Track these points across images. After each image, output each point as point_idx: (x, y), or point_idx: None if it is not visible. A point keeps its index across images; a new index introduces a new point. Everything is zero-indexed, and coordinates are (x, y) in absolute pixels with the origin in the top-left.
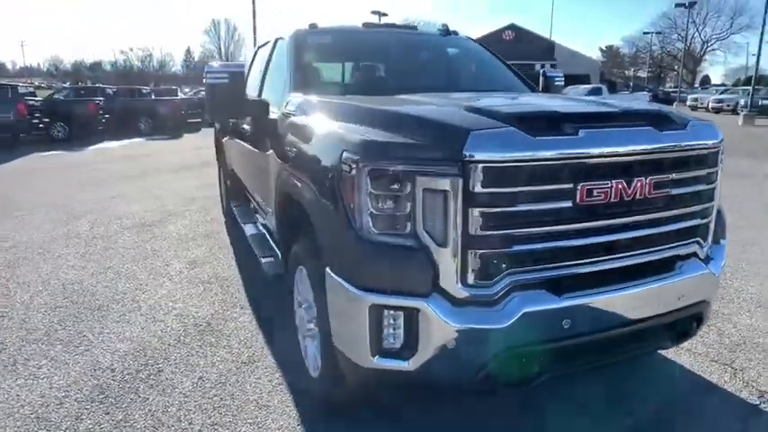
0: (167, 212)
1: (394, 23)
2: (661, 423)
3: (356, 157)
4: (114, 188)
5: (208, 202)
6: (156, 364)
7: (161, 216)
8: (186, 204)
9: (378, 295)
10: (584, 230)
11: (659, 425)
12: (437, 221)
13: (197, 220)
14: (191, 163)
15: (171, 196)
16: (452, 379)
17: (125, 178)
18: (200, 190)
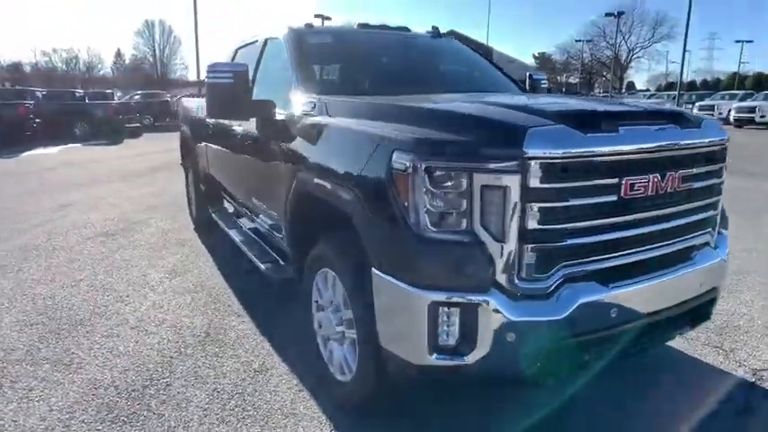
0: (129, 221)
1: (387, 25)
2: (678, 404)
3: (411, 156)
4: (63, 197)
5: (171, 208)
6: (162, 379)
7: (124, 225)
8: (148, 212)
9: (437, 292)
10: (627, 223)
11: (678, 407)
12: (495, 217)
13: (164, 228)
14: (139, 169)
15: (128, 204)
16: (510, 372)
17: (72, 186)
18: (158, 197)
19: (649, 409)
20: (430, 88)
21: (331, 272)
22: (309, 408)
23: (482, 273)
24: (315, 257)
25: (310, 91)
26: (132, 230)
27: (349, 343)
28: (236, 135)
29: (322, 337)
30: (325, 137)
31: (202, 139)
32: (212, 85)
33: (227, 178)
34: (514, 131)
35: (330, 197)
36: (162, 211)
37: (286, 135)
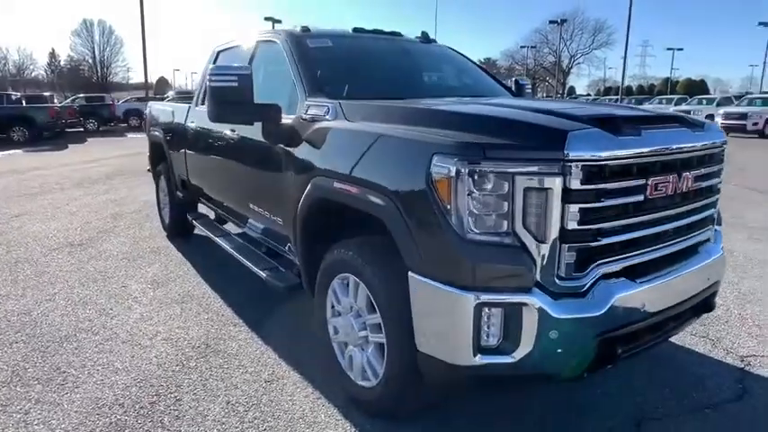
0: (95, 230)
1: (381, 30)
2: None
3: (455, 160)
4: (14, 207)
5: (137, 217)
6: (170, 394)
7: (89, 234)
8: (113, 221)
9: (482, 294)
10: (651, 221)
11: (682, 395)
12: (537, 218)
13: (135, 237)
14: (93, 176)
15: (89, 213)
16: (551, 368)
17: (23, 195)
18: (121, 205)
19: (657, 398)
20: (434, 92)
21: (353, 277)
22: (331, 415)
23: (525, 273)
24: (332, 263)
25: (318, 95)
26: (100, 240)
27: (374, 347)
28: (228, 140)
29: (339, 342)
30: (346, 141)
31: (180, 145)
32: (216, 89)
33: (214, 185)
34: (555, 135)
35: (356, 202)
36: (128, 219)
37: (295, 140)
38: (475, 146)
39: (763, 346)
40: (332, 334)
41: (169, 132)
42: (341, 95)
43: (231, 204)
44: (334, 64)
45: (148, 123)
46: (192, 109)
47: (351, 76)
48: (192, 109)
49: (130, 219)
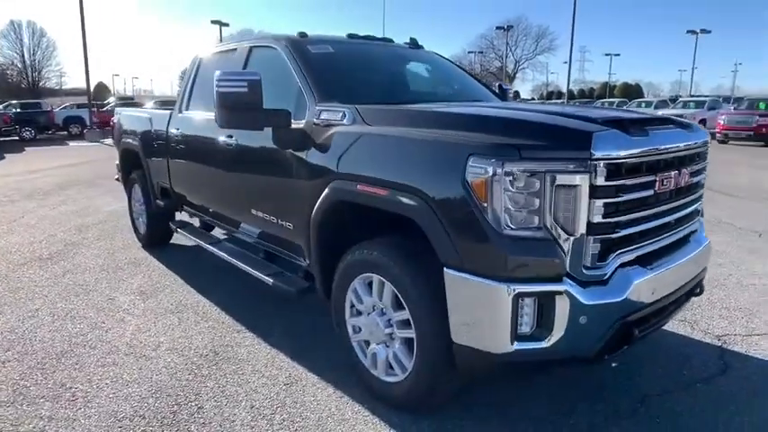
0: (62, 242)
1: (373, 36)
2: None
3: (491, 160)
4: None
5: (105, 228)
6: (190, 402)
7: (57, 248)
8: (79, 233)
9: (520, 285)
10: (658, 213)
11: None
12: (566, 213)
13: (108, 249)
14: (43, 187)
15: (51, 225)
16: (579, 351)
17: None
18: (83, 216)
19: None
20: (436, 97)
21: (377, 276)
22: (358, 412)
23: (557, 264)
24: (353, 264)
25: (329, 100)
26: (71, 253)
27: (401, 342)
28: (225, 146)
29: (359, 341)
30: (372, 145)
31: (161, 153)
32: (224, 95)
33: (204, 192)
34: (581, 136)
35: (383, 203)
36: (95, 230)
37: (307, 144)
38: (511, 147)
39: (734, 325)
40: (351, 333)
41: (147, 140)
42: (353, 100)
43: (225, 211)
44: (339, 70)
45: (118, 131)
46: (175, 116)
47: (356, 82)
48: (175, 116)
49: (98, 230)
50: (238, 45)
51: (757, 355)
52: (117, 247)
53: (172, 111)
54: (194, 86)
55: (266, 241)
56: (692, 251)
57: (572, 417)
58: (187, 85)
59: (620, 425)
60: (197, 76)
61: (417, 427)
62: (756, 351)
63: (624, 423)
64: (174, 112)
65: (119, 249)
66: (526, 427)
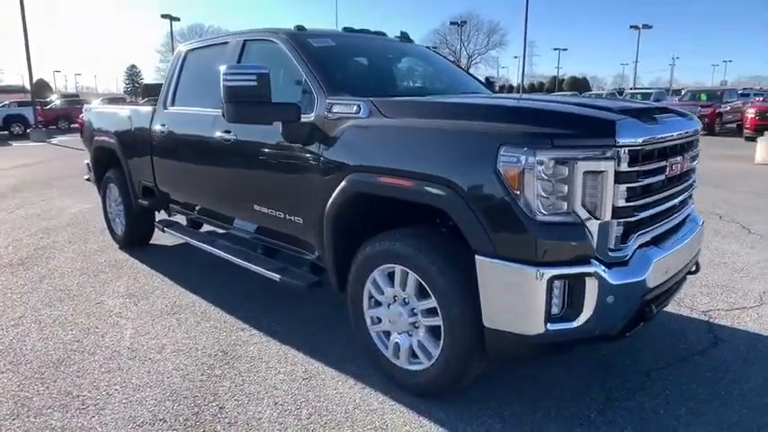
0: (31, 247)
1: (368, 29)
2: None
3: (524, 149)
4: None
5: (74, 230)
6: (210, 403)
7: (27, 252)
8: (47, 236)
9: (553, 268)
10: (668, 196)
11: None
12: (593, 198)
13: (83, 252)
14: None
15: (13, 230)
16: (604, 329)
17: None
18: (46, 219)
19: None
20: (437, 89)
21: (399, 266)
22: (383, 401)
23: (586, 247)
24: (372, 255)
25: (339, 93)
26: (43, 258)
27: (425, 331)
28: (222, 142)
29: (379, 332)
30: (395, 137)
31: (144, 151)
32: (232, 88)
33: (196, 189)
34: (606, 125)
35: (408, 194)
36: (64, 233)
37: (319, 138)
38: (543, 136)
39: (715, 301)
40: (370, 324)
41: (126, 138)
42: (364, 93)
43: (218, 207)
44: (343, 63)
45: (88, 129)
46: (160, 112)
47: (361, 75)
48: (160, 112)
49: (68, 233)
50: (230, 38)
51: (741, 327)
52: (92, 250)
53: (154, 107)
54: (179, 81)
55: (268, 237)
56: (692, 231)
57: (588, 394)
58: (171, 81)
59: (633, 398)
60: (182, 70)
61: (444, 412)
62: (740, 323)
63: (637, 396)
64: (157, 109)
65: (95, 252)
66: (548, 405)
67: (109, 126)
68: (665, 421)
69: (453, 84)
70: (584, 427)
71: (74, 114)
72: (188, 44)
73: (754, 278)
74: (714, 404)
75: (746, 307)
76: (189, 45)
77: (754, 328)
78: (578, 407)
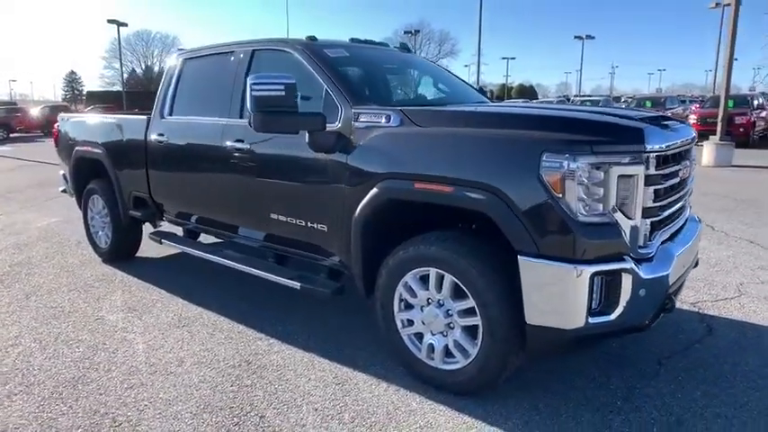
0: (6, 264)
1: (372, 40)
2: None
3: (566, 155)
4: None
5: (48, 245)
6: (248, 413)
7: (3, 269)
8: (20, 252)
9: (594, 265)
10: (681, 197)
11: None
12: (626, 200)
13: (65, 266)
14: None
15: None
16: (635, 321)
17: None
18: (14, 235)
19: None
20: (444, 98)
21: (434, 270)
22: (421, 401)
23: (622, 244)
24: (405, 259)
25: (365, 103)
26: (23, 274)
27: (461, 331)
28: (235, 152)
29: (410, 335)
30: (431, 145)
31: (138, 162)
32: (260, 98)
33: (197, 198)
34: (636, 132)
35: (447, 200)
36: (37, 248)
37: (346, 147)
38: (583, 143)
39: (700, 294)
40: (400, 327)
41: (115, 148)
42: (385, 102)
43: (225, 217)
44: (361, 73)
45: (65, 140)
46: (156, 121)
47: (378, 84)
48: (156, 121)
49: (41, 248)
50: (235, 48)
51: (729, 317)
52: (74, 264)
53: (149, 116)
54: (177, 90)
55: (283, 244)
56: (695, 229)
57: (609, 383)
58: (168, 89)
59: (651, 385)
60: (180, 79)
61: (483, 408)
62: (727, 313)
63: (654, 383)
64: (153, 118)
65: (77, 266)
66: (577, 396)
67: (93, 136)
68: (684, 404)
69: (460, 93)
70: (615, 414)
71: (13, 123)
72: (185, 53)
73: (729, 272)
74: (723, 386)
75: (728, 298)
76: (186, 54)
77: (739, 317)
78: (604, 396)
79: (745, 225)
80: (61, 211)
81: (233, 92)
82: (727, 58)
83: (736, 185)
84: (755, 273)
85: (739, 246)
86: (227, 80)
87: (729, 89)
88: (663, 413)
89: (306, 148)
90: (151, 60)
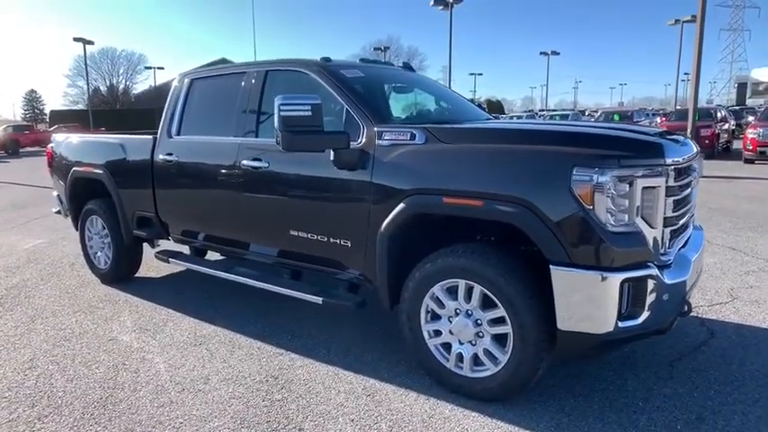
0: (1, 287)
1: (378, 60)
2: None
3: (595, 169)
4: None
5: (39, 267)
6: (286, 426)
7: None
8: (12, 275)
9: (624, 272)
10: (691, 207)
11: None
12: (650, 210)
13: (64, 288)
14: None
15: None
16: (658, 324)
17: None
18: (2, 257)
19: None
20: (454, 116)
21: (463, 281)
22: (453, 409)
23: (647, 252)
24: (433, 272)
25: (386, 122)
26: (21, 297)
27: (490, 339)
28: (252, 171)
29: (437, 344)
30: (458, 161)
31: (142, 181)
32: (288, 118)
33: (209, 217)
34: (656, 147)
35: (478, 213)
36: (29, 271)
37: (370, 164)
38: (611, 157)
39: (696, 299)
40: (427, 338)
41: (118, 168)
42: (405, 120)
43: (238, 234)
44: (377, 92)
45: (61, 161)
46: (164, 141)
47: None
48: (164, 141)
49: (34, 270)
50: (246, 68)
51: (725, 320)
52: (73, 286)
53: (155, 136)
54: (185, 110)
55: (300, 260)
56: (702, 236)
57: (628, 385)
58: (176, 109)
59: (667, 386)
60: (188, 99)
61: (513, 413)
62: (723, 316)
63: (669, 383)
64: (160, 138)
65: (77, 288)
66: (600, 398)
67: (93, 156)
68: (700, 402)
69: (466, 110)
70: (639, 414)
71: None
72: (192, 73)
73: (718, 278)
74: (735, 385)
75: (723, 303)
76: (194, 74)
77: (736, 320)
78: (625, 398)
79: (724, 233)
80: (45, 233)
81: (247, 112)
82: (694, 74)
83: (707, 195)
84: (743, 278)
85: (723, 253)
86: (239, 100)
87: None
88: (683, 411)
89: (328, 166)
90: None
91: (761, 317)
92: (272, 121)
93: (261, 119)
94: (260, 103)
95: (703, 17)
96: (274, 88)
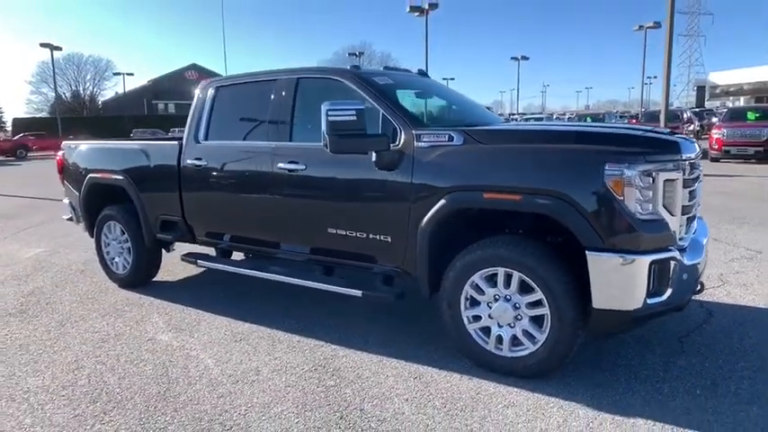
0: (17, 295)
1: (396, 67)
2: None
3: (626, 164)
4: None
5: (51, 274)
6: (347, 407)
7: (18, 301)
8: (25, 283)
9: (652, 255)
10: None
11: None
12: (670, 200)
13: (84, 294)
14: None
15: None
16: (678, 301)
17: None
18: (4, 266)
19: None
20: (472, 119)
21: (503, 269)
22: (497, 386)
23: (668, 237)
24: (473, 262)
25: (422, 125)
26: (42, 304)
27: (528, 320)
28: (287, 173)
29: (476, 329)
30: (497, 160)
31: (167, 185)
32: (336, 123)
33: (240, 219)
34: (673, 144)
35: (518, 207)
36: (40, 279)
37: (411, 165)
38: (637, 154)
39: None
40: (467, 323)
41: (141, 173)
42: (443, 124)
43: (269, 235)
44: (407, 99)
45: (75, 168)
46: (191, 146)
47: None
48: (191, 146)
49: (45, 278)
50: (275, 76)
51: (721, 301)
52: (93, 292)
53: (180, 142)
54: (212, 116)
55: (336, 256)
56: (706, 225)
57: (646, 359)
58: (201, 116)
59: (681, 358)
60: (214, 106)
61: (552, 387)
62: (718, 298)
63: (683, 357)
64: (187, 143)
65: (96, 293)
66: (625, 371)
67: (111, 163)
68: (712, 370)
69: (481, 114)
70: (661, 383)
71: None
72: (217, 81)
73: (708, 265)
74: (739, 355)
75: (715, 287)
76: (219, 82)
77: (729, 301)
78: (647, 370)
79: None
80: (42, 242)
81: (279, 117)
82: (665, 77)
83: None
84: (729, 265)
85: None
86: (272, 106)
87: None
88: (699, 379)
89: (369, 167)
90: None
91: (750, 298)
92: (306, 125)
93: (294, 123)
94: (293, 109)
95: (672, 24)
96: (306, 95)
